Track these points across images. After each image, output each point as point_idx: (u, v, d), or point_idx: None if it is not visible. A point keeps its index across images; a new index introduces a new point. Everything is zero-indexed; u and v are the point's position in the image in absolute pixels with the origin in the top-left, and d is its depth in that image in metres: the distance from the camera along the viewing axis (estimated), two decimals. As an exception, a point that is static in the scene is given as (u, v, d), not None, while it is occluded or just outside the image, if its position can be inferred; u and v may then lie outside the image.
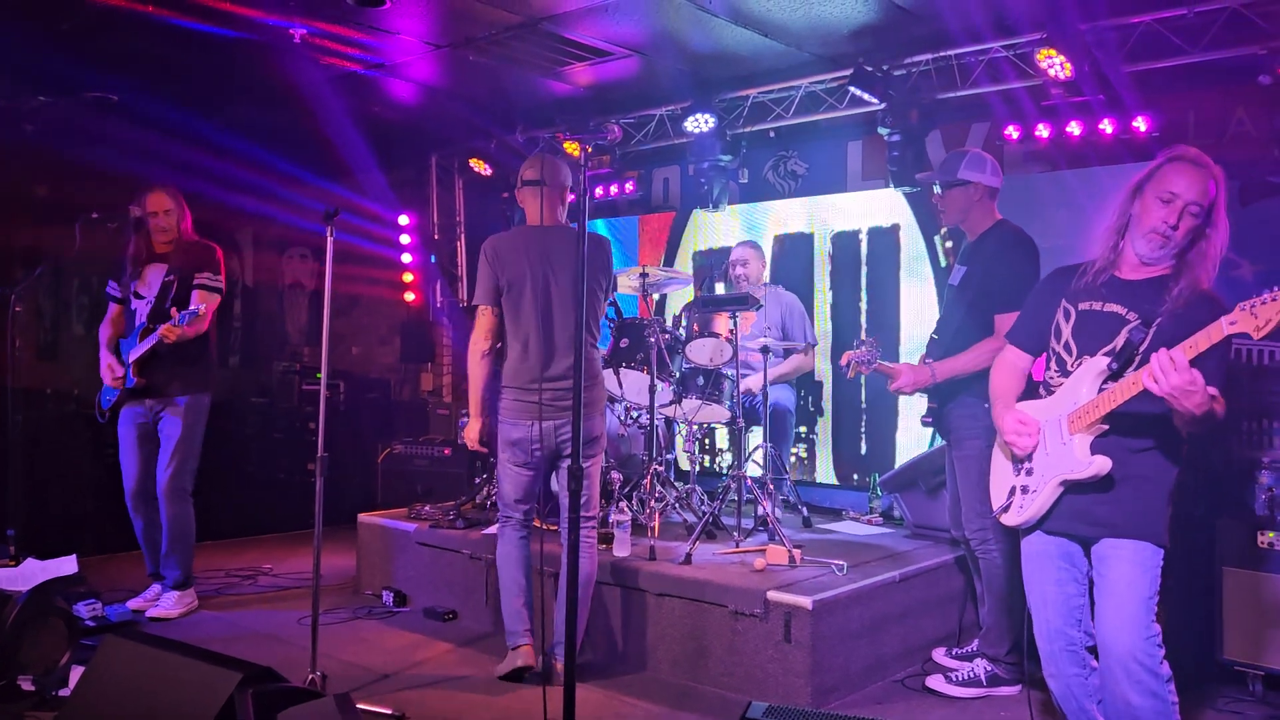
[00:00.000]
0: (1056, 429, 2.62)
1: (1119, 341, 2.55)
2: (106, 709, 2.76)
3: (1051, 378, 2.73)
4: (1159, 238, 2.54)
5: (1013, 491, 2.74)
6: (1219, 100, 4.63)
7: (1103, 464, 2.53)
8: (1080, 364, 2.63)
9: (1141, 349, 2.50)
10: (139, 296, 4.70)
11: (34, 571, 4.00)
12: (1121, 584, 2.55)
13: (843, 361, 3.90)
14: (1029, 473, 2.70)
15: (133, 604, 4.76)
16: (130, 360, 4.57)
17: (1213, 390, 2.39)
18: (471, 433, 3.94)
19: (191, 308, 4.40)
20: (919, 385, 3.76)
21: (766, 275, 5.64)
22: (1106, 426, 2.55)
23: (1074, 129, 4.83)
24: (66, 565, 4.05)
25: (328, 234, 3.62)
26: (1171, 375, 2.30)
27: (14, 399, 4.92)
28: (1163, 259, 2.57)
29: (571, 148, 6.45)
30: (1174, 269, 2.57)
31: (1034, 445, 2.67)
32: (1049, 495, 2.65)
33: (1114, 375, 2.54)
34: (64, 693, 3.42)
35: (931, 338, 3.99)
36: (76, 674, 3.43)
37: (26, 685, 3.44)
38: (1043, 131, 4.96)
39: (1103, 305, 2.63)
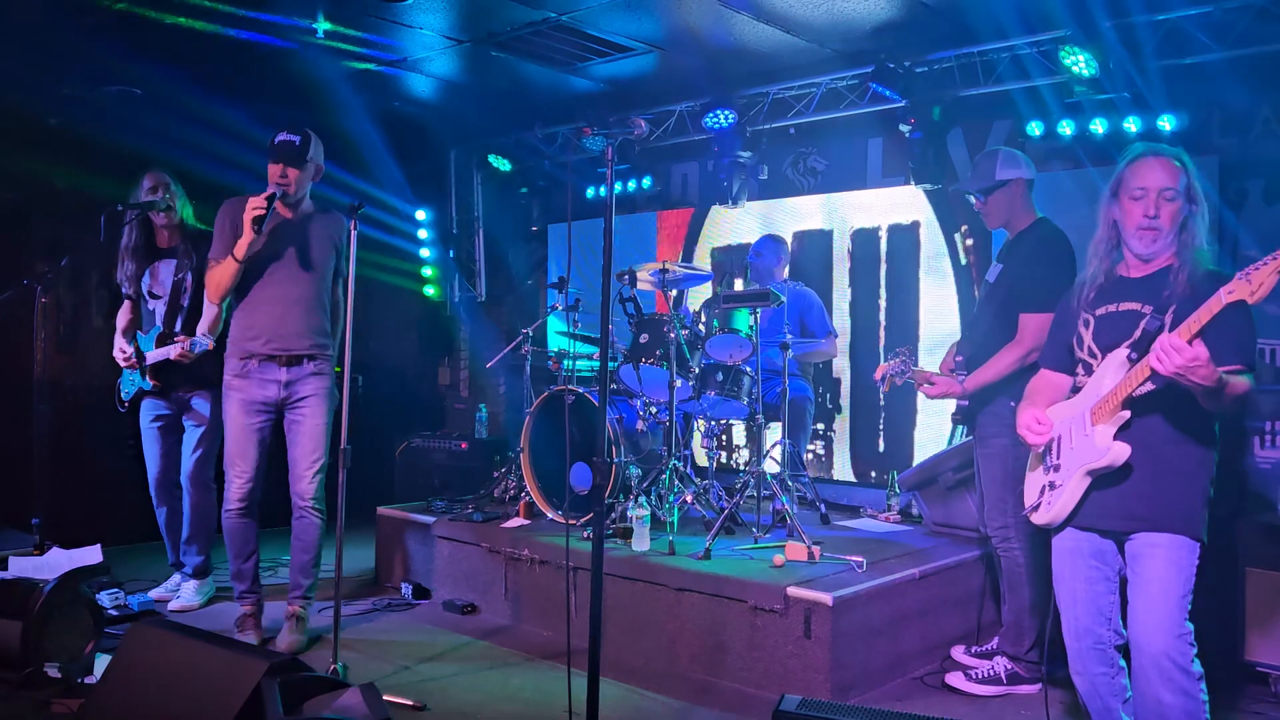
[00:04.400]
0: (1081, 423, 2.63)
1: (1137, 333, 2.58)
2: (133, 696, 2.79)
3: (1079, 380, 2.75)
4: (1147, 232, 2.63)
5: (1043, 490, 2.75)
6: (1246, 98, 4.58)
7: (1120, 451, 2.53)
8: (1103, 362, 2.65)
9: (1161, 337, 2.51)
10: (155, 296, 4.71)
11: (60, 561, 4.04)
12: (1155, 581, 2.56)
13: (877, 376, 3.94)
14: (1056, 469, 2.71)
15: (154, 594, 4.81)
16: (148, 364, 4.59)
17: (1234, 365, 2.42)
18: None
19: (203, 340, 4.42)
20: (949, 395, 3.77)
21: (785, 271, 5.63)
22: (1128, 413, 2.54)
23: (1098, 127, 4.78)
24: (91, 555, 4.08)
25: (351, 228, 3.66)
26: (1174, 356, 2.31)
27: (39, 390, 4.97)
28: (1160, 251, 2.64)
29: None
30: (1176, 257, 2.63)
31: (1045, 441, 2.71)
32: (1075, 488, 2.65)
33: (1134, 365, 2.56)
34: (89, 680, 3.46)
35: (963, 335, 3.97)
36: (101, 662, 3.48)
37: (53, 673, 3.48)
38: (1066, 129, 4.91)
39: (1118, 306, 2.68)
